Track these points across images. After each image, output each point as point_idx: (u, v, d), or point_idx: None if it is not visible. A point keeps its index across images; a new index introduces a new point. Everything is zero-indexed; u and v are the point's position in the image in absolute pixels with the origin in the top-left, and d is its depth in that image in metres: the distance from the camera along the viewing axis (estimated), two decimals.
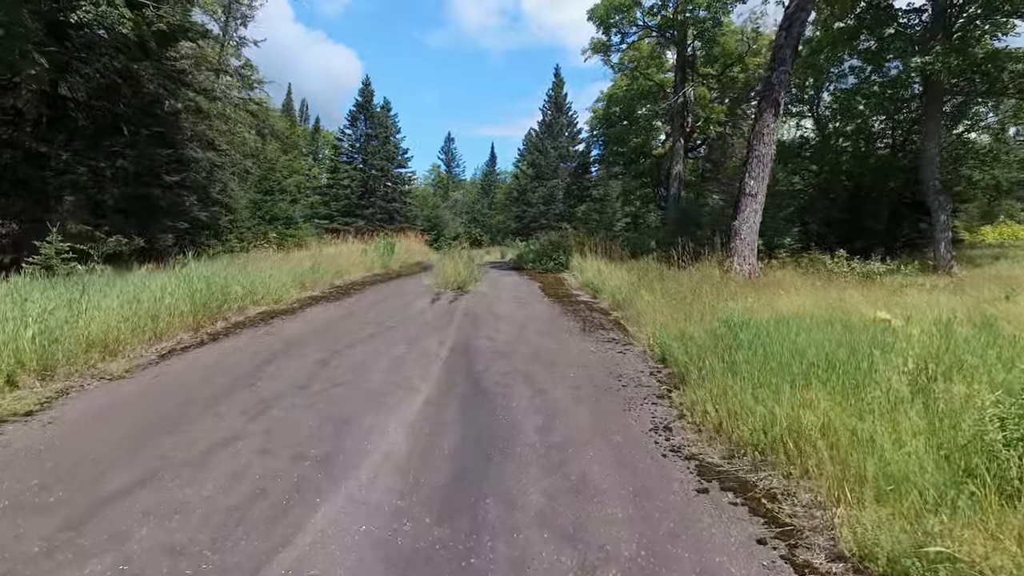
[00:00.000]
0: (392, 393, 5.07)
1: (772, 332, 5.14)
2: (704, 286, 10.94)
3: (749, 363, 4.35)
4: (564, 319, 9.05)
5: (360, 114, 46.79)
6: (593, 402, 4.92)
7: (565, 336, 7.65)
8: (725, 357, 4.69)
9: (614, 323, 8.74)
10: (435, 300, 10.96)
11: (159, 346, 6.64)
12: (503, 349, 6.81)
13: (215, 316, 8.11)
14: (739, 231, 13.85)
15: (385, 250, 18.67)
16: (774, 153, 14.34)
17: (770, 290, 11.34)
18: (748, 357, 4.44)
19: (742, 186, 14.02)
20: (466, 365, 6.05)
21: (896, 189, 24.33)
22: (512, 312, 9.65)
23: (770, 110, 13.80)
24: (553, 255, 18.33)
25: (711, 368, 4.70)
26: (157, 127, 16.22)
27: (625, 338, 7.56)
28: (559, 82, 51.42)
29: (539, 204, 47.79)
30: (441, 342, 7.12)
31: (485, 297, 11.61)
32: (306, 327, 8.12)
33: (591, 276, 12.66)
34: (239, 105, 32.27)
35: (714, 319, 6.26)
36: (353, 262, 15.88)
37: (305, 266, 12.81)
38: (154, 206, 16.19)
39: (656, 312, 8.55)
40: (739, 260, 13.78)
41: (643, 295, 9.78)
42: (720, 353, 4.82)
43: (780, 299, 10.17)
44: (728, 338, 5.11)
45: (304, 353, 6.52)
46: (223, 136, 29.55)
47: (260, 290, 9.68)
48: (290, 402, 4.78)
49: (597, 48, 27.01)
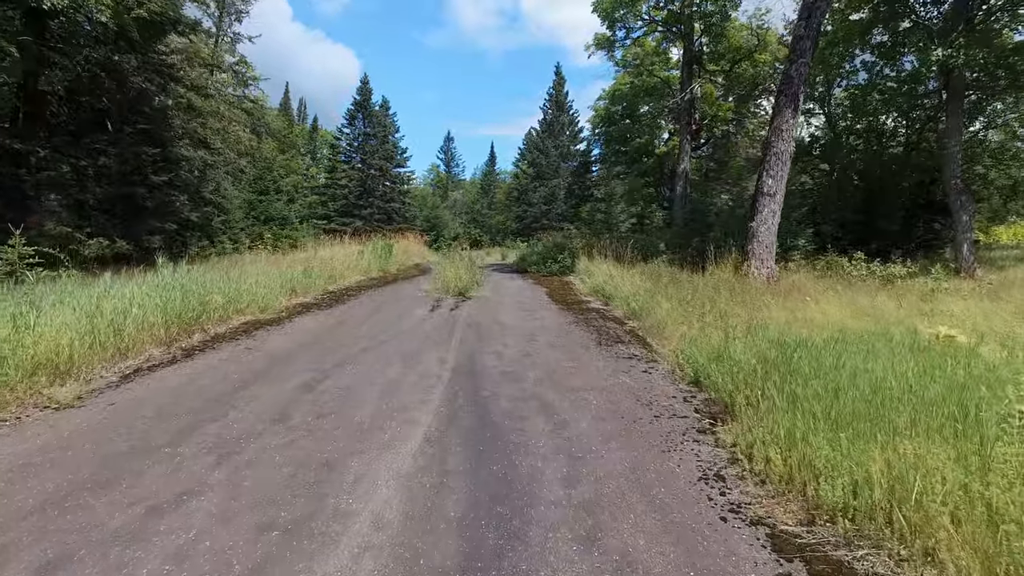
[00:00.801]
0: (385, 428, 4.29)
1: (829, 354, 4.37)
2: (722, 292, 10.20)
3: (819, 398, 3.57)
4: (577, 330, 8.27)
5: (358, 113, 46.05)
6: (623, 439, 4.14)
7: (580, 351, 6.87)
8: (784, 388, 3.92)
9: (632, 335, 7.96)
10: (435, 308, 10.18)
11: (123, 365, 5.86)
12: (512, 369, 6.03)
13: (192, 328, 7.33)
14: (756, 233, 13.11)
15: (382, 252, 17.88)
16: (793, 150, 13.58)
17: (793, 296, 10.60)
18: (816, 390, 3.66)
19: (759, 185, 13.27)
20: (471, 389, 5.27)
21: (909, 189, 23.61)
22: (519, 322, 8.87)
23: (789, 105, 13.06)
24: (558, 257, 17.54)
25: (768, 401, 3.92)
26: (143, 124, 15.43)
27: (647, 354, 6.78)
28: (560, 80, 50.68)
29: (540, 204, 47.02)
30: (442, 360, 6.34)
31: (488, 304, 10.83)
32: (292, 340, 7.34)
33: (601, 281, 11.88)
34: (234, 103, 31.50)
35: (756, 335, 5.49)
36: (348, 265, 15.09)
37: (296, 270, 12.02)
38: (139, 207, 15.40)
39: (678, 323, 7.79)
40: (757, 264, 13.04)
41: (661, 303, 9.03)
42: (777, 382, 4.04)
43: (808, 308, 9.41)
44: (781, 362, 4.33)
45: (287, 374, 5.74)
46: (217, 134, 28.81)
47: (245, 298, 8.90)
48: (264, 441, 4.01)
49: (601, 44, 26.26)
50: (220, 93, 30.11)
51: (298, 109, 73.12)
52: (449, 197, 66.82)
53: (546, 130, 49.84)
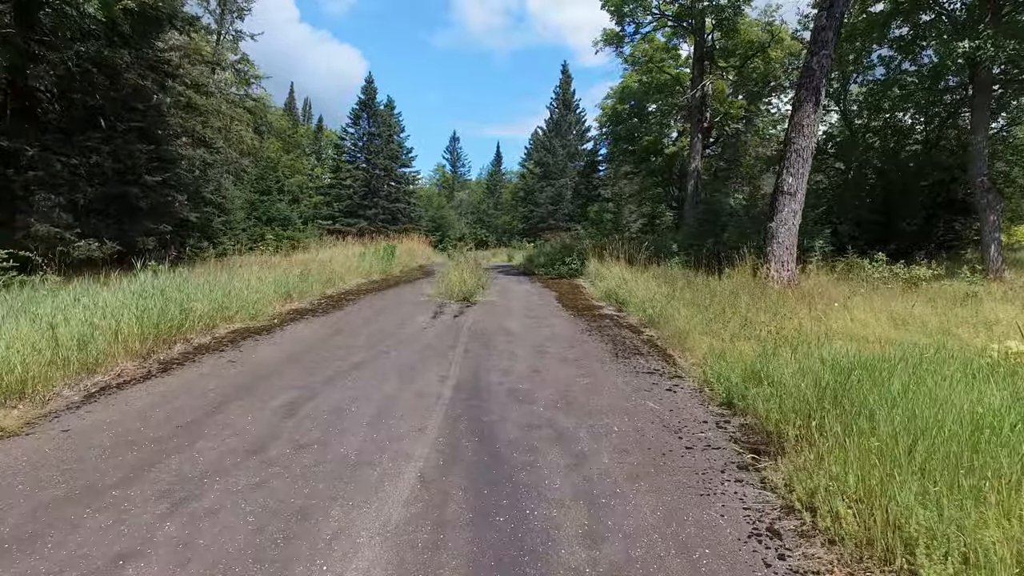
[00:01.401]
0: (375, 463, 3.69)
1: (894, 378, 3.73)
2: (742, 297, 9.57)
3: (896, 437, 2.94)
4: (590, 340, 7.65)
5: (363, 112, 45.53)
6: (653, 477, 3.52)
7: (596, 365, 6.25)
8: (849, 421, 3.28)
9: (650, 346, 7.33)
10: (437, 314, 9.58)
11: (90, 382, 5.28)
12: (522, 387, 5.41)
13: (173, 338, 6.75)
14: (776, 234, 12.46)
15: (384, 254, 17.30)
16: (815, 147, 12.92)
17: (818, 302, 9.95)
18: (893, 427, 3.01)
19: (779, 183, 12.62)
20: (475, 413, 4.66)
21: (928, 188, 22.85)
22: (528, 330, 8.25)
23: (810, 99, 12.40)
24: (566, 260, 16.91)
25: (829, 437, 3.28)
26: (137, 121, 14.89)
27: (670, 369, 6.14)
28: (567, 79, 50.01)
29: (547, 204, 46.38)
30: (443, 376, 5.73)
31: (495, 310, 10.22)
32: (281, 352, 6.75)
33: (613, 285, 11.24)
34: (236, 102, 31.06)
35: (798, 352, 4.84)
36: (349, 267, 14.51)
37: (293, 273, 11.46)
38: (133, 207, 14.87)
39: (700, 332, 7.16)
40: (776, 266, 12.38)
41: (679, 310, 8.40)
42: (839, 414, 3.40)
43: (839, 316, 8.76)
44: (838, 388, 3.70)
45: (270, 392, 5.15)
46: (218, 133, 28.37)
47: (234, 304, 8.32)
48: (231, 481, 3.41)
49: (609, 39, 25.60)
50: (222, 92, 29.68)
51: (303, 109, 72.79)
52: (455, 197, 66.29)
53: (553, 129, 49.19)
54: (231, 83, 31.85)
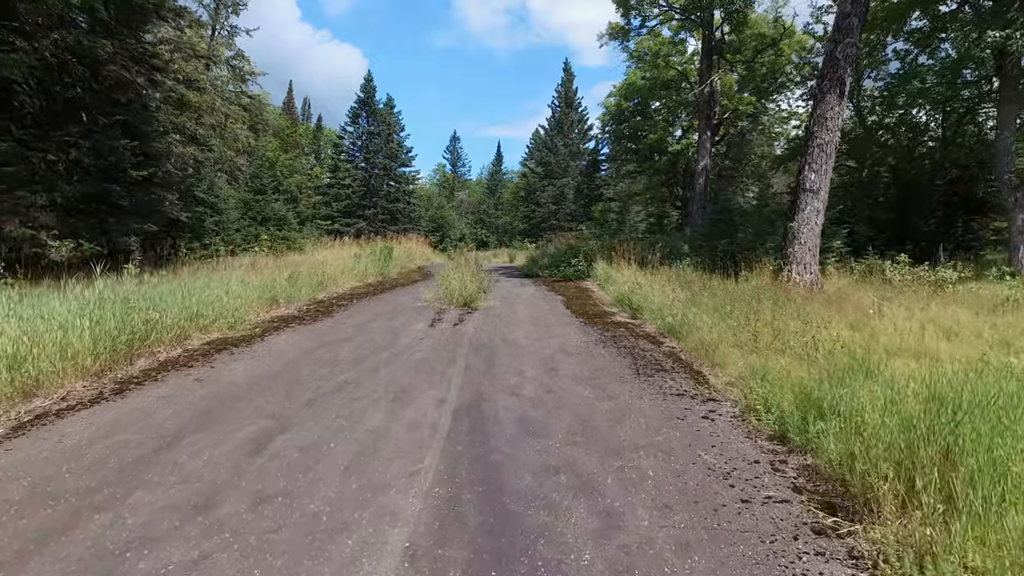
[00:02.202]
0: (351, 527, 2.89)
1: (1005, 417, 2.94)
2: (764, 302, 8.76)
3: None
4: (606, 353, 6.85)
5: (362, 111, 44.75)
6: (708, 547, 2.73)
7: (616, 385, 5.45)
8: (976, 484, 2.47)
9: (674, 360, 6.53)
10: (435, 322, 8.77)
11: (26, 408, 4.50)
12: (532, 414, 4.61)
13: (136, 353, 5.97)
14: (798, 234, 11.69)
15: (381, 255, 16.50)
16: (839, 141, 12.14)
17: (847, 307, 9.17)
18: None
19: (800, 180, 11.84)
20: (479, 451, 3.87)
21: (945, 186, 22.09)
22: (536, 342, 7.46)
23: (834, 91, 11.63)
24: (572, 261, 16.09)
25: (948, 501, 2.48)
26: (119, 115, 14.09)
27: (701, 389, 5.34)
28: (569, 76, 49.16)
29: (549, 204, 45.55)
30: (440, 400, 4.93)
31: (498, 317, 9.42)
32: (258, 368, 5.96)
33: (626, 290, 10.42)
34: (230, 99, 30.27)
35: (872, 379, 4.04)
36: (343, 270, 13.71)
37: (282, 277, 10.67)
38: (115, 205, 14.08)
39: (728, 344, 6.37)
40: (799, 269, 11.61)
41: (701, 318, 7.61)
42: (959, 471, 2.60)
43: (877, 324, 7.97)
44: (938, 428, 2.90)
45: (236, 421, 4.36)
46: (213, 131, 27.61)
47: (210, 312, 7.53)
48: (161, 557, 2.62)
49: (615, 33, 24.83)
50: (216, 88, 28.91)
51: (302, 108, 72.03)
52: (455, 197, 65.51)
53: (555, 128, 48.36)
54: (228, 80, 31.06)
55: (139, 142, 14.74)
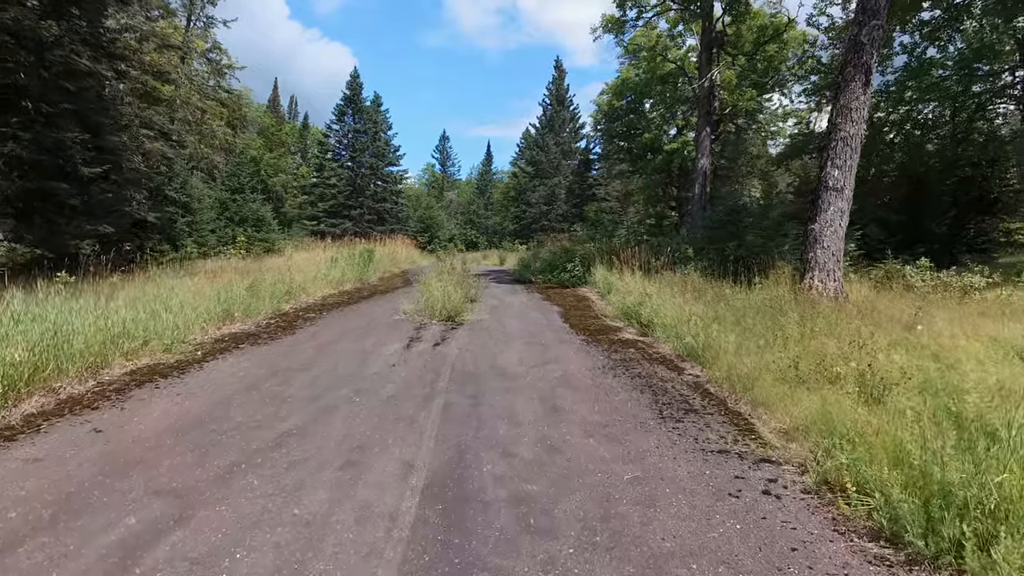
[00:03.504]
0: None
1: None
2: (789, 315, 7.60)
3: None
4: (618, 385, 5.63)
5: (348, 108, 43.39)
6: None
7: (637, 436, 4.23)
8: None
9: (703, 395, 5.32)
10: (413, 341, 7.51)
11: None
12: (533, 492, 3.36)
13: (28, 391, 4.68)
14: (820, 237, 10.58)
15: (360, 260, 15.17)
16: (865, 134, 11.03)
17: (883, 321, 8.03)
18: None
19: (823, 178, 10.73)
20: (458, 563, 2.63)
21: (955, 185, 21.10)
22: (531, 368, 6.22)
23: (858, 78, 10.52)
24: (568, 265, 14.87)
25: None
26: (69, 104, 12.69)
27: (749, 443, 4.12)
28: (560, 73, 47.99)
29: (540, 204, 44.37)
30: (408, 465, 3.68)
31: (486, 333, 8.18)
32: (179, 411, 4.69)
33: (632, 301, 9.19)
34: (207, 93, 28.79)
35: None
36: (316, 276, 12.40)
37: (242, 285, 9.38)
38: (64, 204, 12.69)
39: (774, 378, 5.18)
40: (821, 276, 10.49)
41: (726, 336, 6.43)
42: None
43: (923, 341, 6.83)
44: None
45: (116, 507, 3.10)
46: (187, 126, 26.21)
47: (140, 331, 6.24)
48: None
49: (610, 25, 23.66)
50: (193, 82, 27.44)
51: (288, 107, 70.33)
52: (444, 197, 64.15)
53: (546, 126, 47.14)
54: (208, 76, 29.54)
55: (93, 135, 13.36)
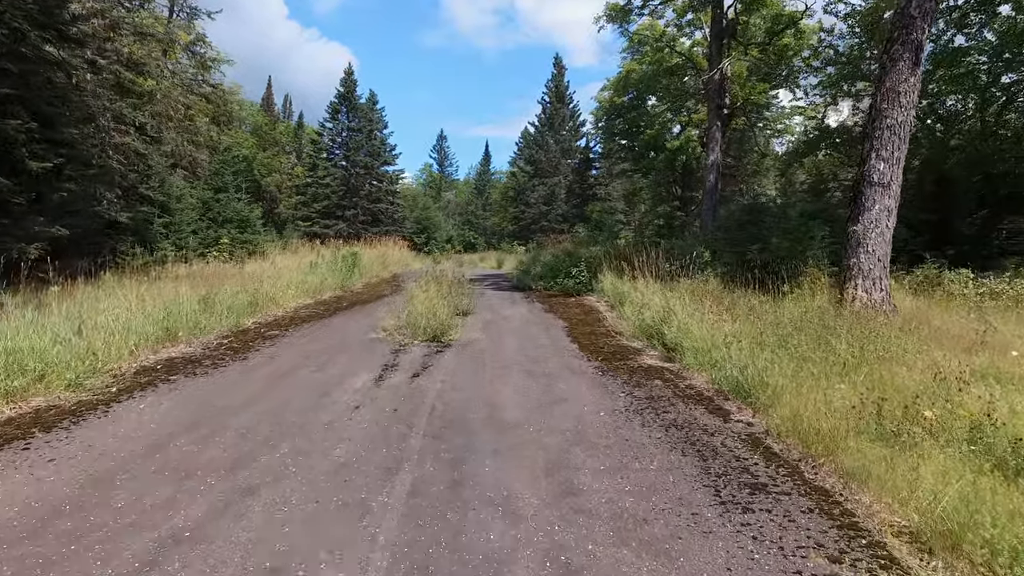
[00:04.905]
0: None
1: None
2: (841, 335, 6.20)
3: None
4: (650, 441, 4.22)
5: (342, 106, 41.99)
6: None
7: (692, 539, 2.83)
8: None
9: (763, 454, 3.93)
10: (387, 370, 6.10)
11: None
12: None
13: None
14: (863, 240, 9.22)
15: (343, 264, 13.73)
16: (913, 121, 9.69)
17: (945, 341, 6.66)
18: None
19: (865, 172, 9.37)
20: None
21: (981, 183, 19.73)
22: (535, 413, 4.81)
23: (907, 56, 9.14)
24: (572, 271, 13.42)
25: None
26: (9, 88, 11.26)
27: (869, 560, 2.74)
28: (559, 70, 46.54)
29: (539, 204, 42.95)
30: None
31: (478, 360, 6.77)
32: (20, 503, 3.28)
33: (651, 316, 7.74)
34: (191, 86, 27.37)
35: None
36: (288, 283, 10.98)
37: (191, 298, 7.98)
38: (7, 203, 11.27)
39: (842, 417, 3.80)
40: (865, 285, 9.12)
41: (781, 366, 5.05)
42: None
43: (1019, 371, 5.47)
44: None
45: None
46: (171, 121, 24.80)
47: (36, 363, 4.86)
48: None
49: (614, 14, 22.27)
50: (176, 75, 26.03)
51: (283, 105, 68.85)
52: (442, 198, 62.73)
53: (545, 124, 45.71)
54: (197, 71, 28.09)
55: (44, 126, 11.94)
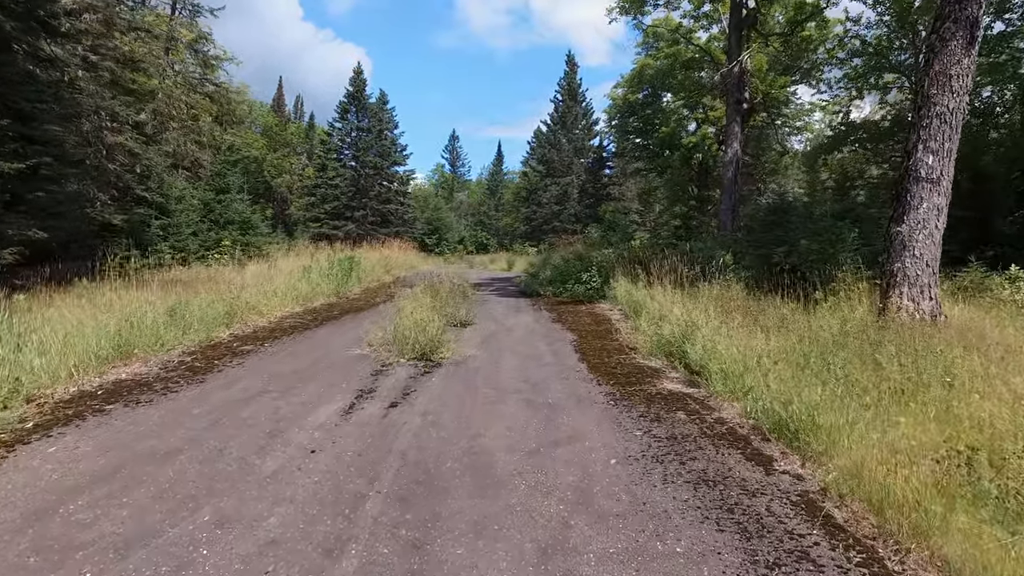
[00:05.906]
0: None
1: None
2: (895, 355, 5.22)
3: None
4: (674, 508, 3.28)
5: (351, 106, 41.38)
6: None
7: None
8: None
9: (824, 526, 2.98)
10: (361, 398, 5.22)
11: None
12: None
13: None
14: (909, 242, 8.14)
15: (339, 269, 12.92)
16: (966, 109, 8.62)
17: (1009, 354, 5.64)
18: None
19: (912, 166, 8.26)
20: None
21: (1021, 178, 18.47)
22: (530, 459, 3.89)
23: (960, 35, 8.06)
24: (583, 276, 12.47)
25: None
26: None
27: None
28: (572, 68, 45.56)
29: (551, 204, 41.98)
30: None
31: (470, 384, 5.86)
32: None
33: (672, 331, 6.73)
34: (194, 86, 26.85)
35: None
36: (276, 290, 10.16)
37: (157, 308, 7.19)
38: None
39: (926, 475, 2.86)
40: (912, 293, 8.03)
41: (843, 401, 4.10)
42: None
43: None
44: None
45: None
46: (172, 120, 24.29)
47: None
48: None
49: (627, 5, 21.29)
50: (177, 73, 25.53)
51: (294, 106, 68.63)
52: (454, 198, 62.04)
53: (558, 122, 44.72)
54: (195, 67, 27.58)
55: (18, 121, 11.29)
